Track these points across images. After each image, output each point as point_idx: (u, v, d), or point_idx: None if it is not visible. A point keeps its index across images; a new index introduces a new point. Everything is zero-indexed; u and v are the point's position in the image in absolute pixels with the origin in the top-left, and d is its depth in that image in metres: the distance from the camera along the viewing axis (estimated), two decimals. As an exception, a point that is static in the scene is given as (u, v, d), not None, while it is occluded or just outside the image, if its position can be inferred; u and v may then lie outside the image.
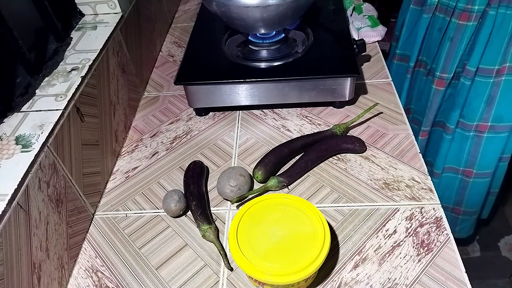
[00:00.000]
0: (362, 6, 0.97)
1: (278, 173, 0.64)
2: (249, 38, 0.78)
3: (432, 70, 0.99)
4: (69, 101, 0.57)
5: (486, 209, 1.25)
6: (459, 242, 1.42)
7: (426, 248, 0.53)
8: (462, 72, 0.94)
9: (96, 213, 0.63)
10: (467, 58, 0.92)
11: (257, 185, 0.64)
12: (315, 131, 0.72)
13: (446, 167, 1.10)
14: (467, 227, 1.24)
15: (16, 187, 0.45)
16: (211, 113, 0.79)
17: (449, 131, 1.03)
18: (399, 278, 0.51)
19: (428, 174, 0.63)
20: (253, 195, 0.61)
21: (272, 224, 0.50)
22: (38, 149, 0.50)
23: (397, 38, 1.12)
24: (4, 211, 0.43)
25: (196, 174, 0.63)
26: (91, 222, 0.62)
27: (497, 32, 0.85)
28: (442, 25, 0.92)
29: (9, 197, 0.44)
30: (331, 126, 0.70)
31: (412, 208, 0.58)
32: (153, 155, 0.71)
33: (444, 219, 0.56)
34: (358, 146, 0.66)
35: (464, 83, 0.94)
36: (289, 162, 0.66)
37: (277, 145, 0.67)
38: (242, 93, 0.73)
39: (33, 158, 0.49)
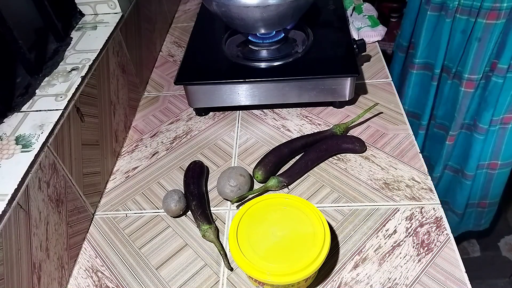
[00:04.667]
0: (362, 6, 0.97)
1: (278, 173, 0.64)
2: (249, 38, 0.78)
3: (458, 73, 0.98)
4: (69, 101, 0.57)
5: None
6: (482, 234, 1.42)
7: (426, 248, 0.53)
8: (493, 71, 0.93)
9: (96, 213, 0.63)
10: (497, 57, 0.91)
11: (257, 185, 0.64)
12: (315, 131, 0.72)
13: (479, 165, 1.10)
14: (490, 218, 1.24)
15: (16, 187, 0.45)
16: (211, 113, 0.79)
17: (482, 131, 1.01)
18: (399, 278, 0.51)
19: (428, 174, 0.63)
20: (253, 195, 0.61)
21: (272, 224, 0.50)
22: (38, 149, 0.50)
23: (405, 47, 1.10)
24: (4, 211, 0.43)
25: (196, 174, 0.63)
26: (91, 222, 0.62)
27: None
28: (466, 26, 0.91)
29: (9, 197, 0.44)
30: (331, 126, 0.70)
31: (412, 208, 0.58)
32: (153, 155, 0.71)
33: (444, 219, 0.56)
34: (358, 146, 0.66)
35: (497, 82, 0.93)
36: (289, 162, 0.66)
37: (277, 145, 0.67)
38: (242, 93, 0.73)
39: (33, 158, 0.49)
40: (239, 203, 0.61)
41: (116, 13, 0.76)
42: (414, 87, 1.11)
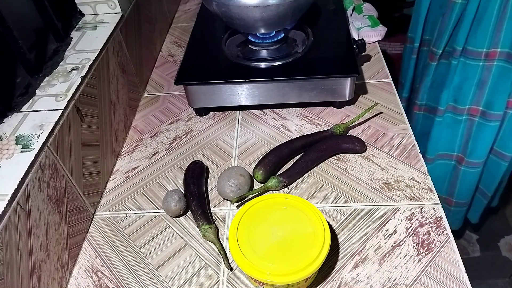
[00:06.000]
0: (362, 6, 0.97)
1: (278, 173, 0.64)
2: (249, 38, 0.78)
3: (431, 45, 1.03)
4: (69, 101, 0.57)
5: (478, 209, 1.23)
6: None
7: (426, 248, 0.53)
8: (452, 52, 0.96)
9: (96, 213, 0.63)
10: (455, 37, 0.94)
11: (257, 185, 0.64)
12: (315, 131, 0.72)
13: (439, 154, 1.10)
14: (458, 219, 1.23)
15: (16, 187, 0.45)
16: (211, 113, 0.79)
17: (440, 113, 1.03)
18: (399, 278, 0.51)
19: (428, 174, 0.63)
20: (253, 195, 0.61)
21: (272, 224, 0.50)
22: (38, 149, 0.50)
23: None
24: (4, 211, 0.43)
25: (196, 174, 0.63)
26: (91, 222, 0.62)
27: (484, 12, 0.86)
28: (442, 2, 0.95)
29: (9, 197, 0.44)
30: (331, 126, 0.70)
31: (412, 208, 0.58)
32: (153, 155, 0.71)
33: (444, 219, 0.56)
34: (358, 146, 0.66)
35: (452, 62, 0.96)
36: (289, 162, 0.66)
37: (277, 145, 0.67)
38: (242, 93, 0.73)
39: (33, 158, 0.49)
40: (239, 203, 0.61)
41: (116, 13, 0.76)
42: (404, 61, 1.17)
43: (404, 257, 0.53)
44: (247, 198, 0.61)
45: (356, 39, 0.85)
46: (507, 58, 0.89)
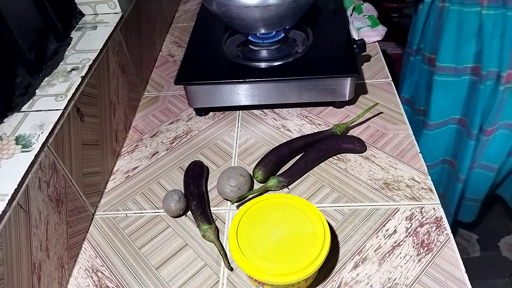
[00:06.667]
0: (362, 6, 0.97)
1: (278, 173, 0.64)
2: (249, 38, 0.78)
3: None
4: (69, 101, 0.57)
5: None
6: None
7: (426, 248, 0.53)
8: (412, 52, 1.05)
9: (96, 213, 0.63)
10: (412, 38, 1.03)
11: (257, 185, 0.64)
12: (315, 131, 0.72)
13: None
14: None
15: (16, 187, 0.45)
16: (211, 113, 0.79)
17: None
18: (399, 278, 0.51)
19: (428, 174, 0.63)
20: (253, 195, 0.61)
21: (272, 224, 0.50)
22: (38, 149, 0.50)
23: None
24: (4, 211, 0.43)
25: (196, 174, 0.63)
26: (91, 222, 0.62)
27: (429, 20, 0.94)
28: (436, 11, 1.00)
29: (9, 197, 0.44)
30: (331, 126, 0.70)
31: (412, 208, 0.58)
32: (153, 155, 0.71)
33: (444, 219, 0.56)
34: (358, 146, 0.66)
35: (410, 60, 1.06)
36: (289, 162, 0.66)
37: (277, 145, 0.67)
38: (242, 93, 0.73)
39: (33, 158, 0.49)
40: (239, 203, 0.61)
41: (116, 13, 0.76)
42: (404, 68, 1.24)
43: (404, 257, 0.53)
44: (247, 198, 0.61)
45: (356, 39, 0.85)
46: (449, 72, 0.94)
